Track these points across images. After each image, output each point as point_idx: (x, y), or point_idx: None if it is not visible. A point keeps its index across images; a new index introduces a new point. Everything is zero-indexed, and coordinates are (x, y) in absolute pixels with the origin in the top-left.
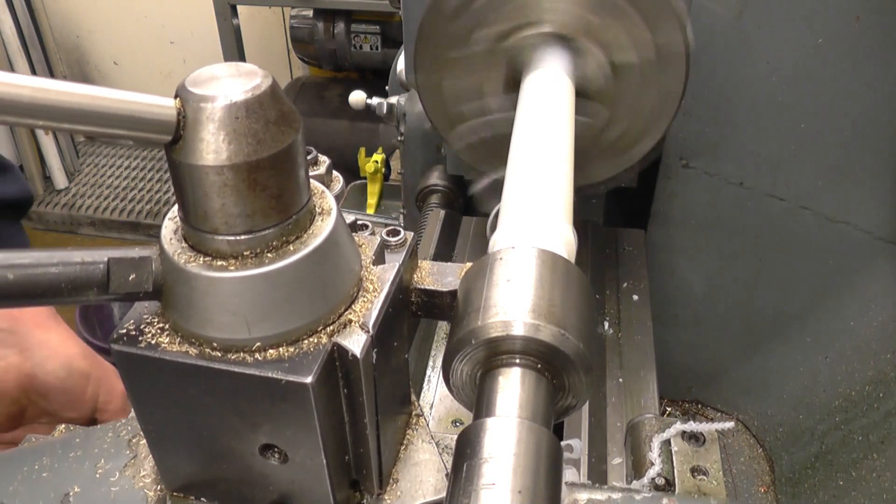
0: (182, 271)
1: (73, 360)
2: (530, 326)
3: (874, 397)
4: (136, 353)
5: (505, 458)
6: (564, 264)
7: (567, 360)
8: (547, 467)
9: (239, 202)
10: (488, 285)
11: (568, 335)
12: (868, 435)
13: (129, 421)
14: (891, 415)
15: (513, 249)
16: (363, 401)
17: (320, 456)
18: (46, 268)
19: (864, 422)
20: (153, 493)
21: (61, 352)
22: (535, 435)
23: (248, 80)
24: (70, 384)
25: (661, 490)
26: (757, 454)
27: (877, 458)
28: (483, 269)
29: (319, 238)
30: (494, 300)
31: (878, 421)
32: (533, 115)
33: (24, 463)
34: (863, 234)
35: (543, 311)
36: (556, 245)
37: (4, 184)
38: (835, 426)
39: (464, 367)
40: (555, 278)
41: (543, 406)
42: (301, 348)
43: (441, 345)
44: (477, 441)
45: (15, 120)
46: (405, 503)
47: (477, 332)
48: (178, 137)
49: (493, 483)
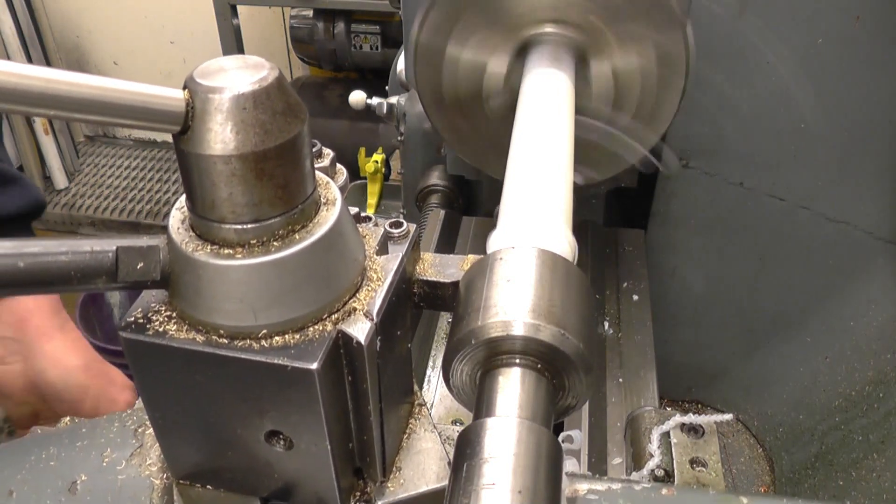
0: (190, 259)
1: (72, 373)
2: (530, 326)
3: (874, 397)
4: (144, 340)
5: (505, 458)
6: (564, 264)
7: (567, 360)
8: (547, 467)
9: (246, 191)
10: (488, 285)
11: (568, 335)
12: (868, 435)
13: (134, 412)
14: (891, 415)
15: (513, 249)
16: (367, 388)
17: (325, 442)
18: (56, 256)
19: (864, 422)
20: (159, 482)
21: (62, 363)
22: (535, 435)
23: (255, 71)
24: (67, 396)
25: (660, 481)
26: (757, 454)
27: (877, 458)
28: (483, 269)
29: (324, 227)
30: (494, 300)
31: (878, 421)
32: (533, 114)
33: (32, 452)
34: (863, 234)
35: (543, 311)
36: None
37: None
38: (835, 426)
39: (464, 367)
40: (555, 278)
41: (543, 406)
42: (306, 335)
43: (441, 345)
44: (477, 441)
45: (28, 109)
46: (408, 490)
47: (477, 332)
48: (186, 128)
49: (493, 483)
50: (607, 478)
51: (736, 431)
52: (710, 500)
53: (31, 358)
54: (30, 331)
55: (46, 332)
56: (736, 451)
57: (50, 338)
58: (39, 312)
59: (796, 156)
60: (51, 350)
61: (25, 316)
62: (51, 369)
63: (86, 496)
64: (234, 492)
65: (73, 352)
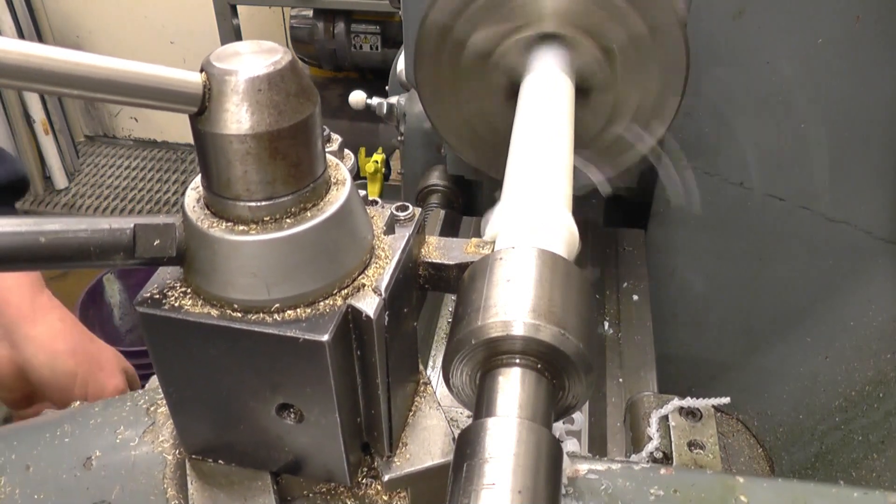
0: (205, 236)
1: (59, 358)
2: (530, 326)
3: (874, 397)
4: (159, 314)
5: (505, 458)
6: (564, 264)
7: (567, 360)
8: (547, 467)
9: (260, 170)
10: (488, 285)
11: (568, 335)
12: (868, 435)
13: (145, 391)
14: (891, 415)
15: (513, 249)
16: (375, 361)
17: (334, 414)
18: (76, 232)
19: (864, 422)
20: (172, 457)
21: (48, 349)
22: (535, 435)
23: (269, 55)
24: (55, 382)
25: (658, 463)
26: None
27: (877, 458)
28: (483, 269)
29: (335, 206)
30: (494, 300)
31: (878, 421)
32: (533, 109)
33: (46, 430)
34: (863, 234)
35: (543, 311)
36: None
37: None
38: (835, 426)
39: (464, 368)
40: (555, 278)
41: (543, 406)
42: (317, 309)
43: (441, 345)
44: (477, 441)
45: (53, 89)
46: (414, 465)
47: (477, 332)
48: (203, 109)
49: (493, 483)
50: (607, 458)
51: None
52: (707, 479)
53: (16, 344)
54: (11, 314)
55: (27, 315)
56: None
57: (33, 321)
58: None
59: (796, 156)
60: (36, 335)
61: (4, 295)
62: (38, 356)
63: (100, 471)
64: (245, 466)
65: (59, 335)
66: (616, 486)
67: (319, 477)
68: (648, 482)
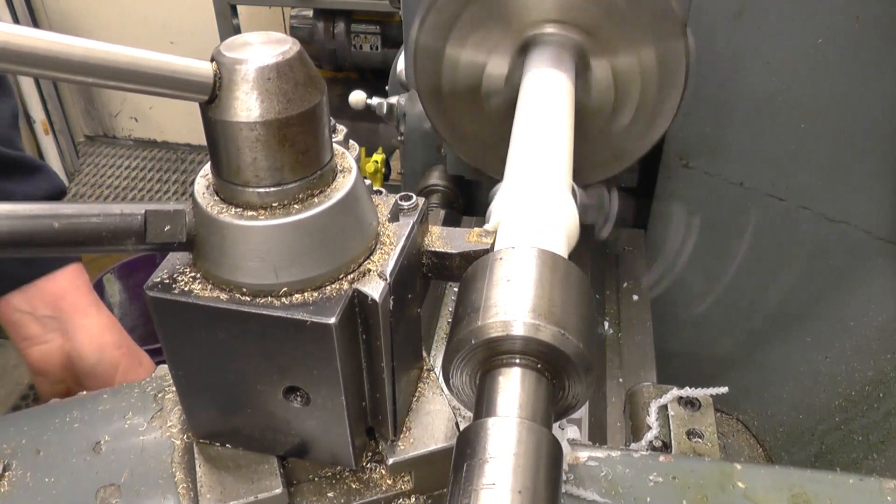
0: (215, 221)
1: (106, 349)
2: (530, 326)
3: (874, 397)
4: (169, 298)
5: (505, 458)
6: (564, 264)
7: (567, 360)
8: (547, 467)
9: (269, 156)
10: (488, 285)
11: (568, 335)
12: (868, 435)
13: (153, 379)
14: (891, 415)
15: (513, 249)
16: (380, 345)
17: (340, 397)
18: (89, 218)
19: (864, 422)
20: (180, 442)
21: (97, 339)
22: (535, 435)
23: (278, 45)
24: (100, 371)
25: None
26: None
27: (877, 458)
28: (483, 269)
29: (341, 192)
30: (494, 300)
31: (878, 421)
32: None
33: (56, 415)
34: (863, 234)
35: (543, 311)
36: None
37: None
38: (835, 426)
39: (464, 367)
40: (555, 278)
41: (543, 406)
42: (324, 293)
43: (441, 345)
44: (477, 441)
45: (67, 76)
46: (418, 449)
47: (477, 333)
48: (214, 97)
49: (493, 483)
50: (607, 446)
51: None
52: (705, 466)
53: (68, 332)
54: (66, 307)
55: (82, 308)
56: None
57: (86, 314)
58: (75, 291)
59: (796, 156)
60: (87, 325)
61: (61, 294)
62: (87, 344)
63: (110, 455)
64: (252, 450)
65: (107, 328)
66: (616, 473)
67: (325, 460)
68: (647, 469)
